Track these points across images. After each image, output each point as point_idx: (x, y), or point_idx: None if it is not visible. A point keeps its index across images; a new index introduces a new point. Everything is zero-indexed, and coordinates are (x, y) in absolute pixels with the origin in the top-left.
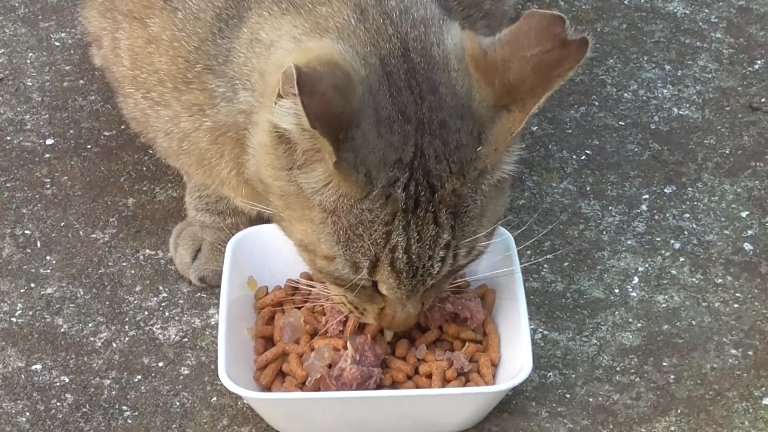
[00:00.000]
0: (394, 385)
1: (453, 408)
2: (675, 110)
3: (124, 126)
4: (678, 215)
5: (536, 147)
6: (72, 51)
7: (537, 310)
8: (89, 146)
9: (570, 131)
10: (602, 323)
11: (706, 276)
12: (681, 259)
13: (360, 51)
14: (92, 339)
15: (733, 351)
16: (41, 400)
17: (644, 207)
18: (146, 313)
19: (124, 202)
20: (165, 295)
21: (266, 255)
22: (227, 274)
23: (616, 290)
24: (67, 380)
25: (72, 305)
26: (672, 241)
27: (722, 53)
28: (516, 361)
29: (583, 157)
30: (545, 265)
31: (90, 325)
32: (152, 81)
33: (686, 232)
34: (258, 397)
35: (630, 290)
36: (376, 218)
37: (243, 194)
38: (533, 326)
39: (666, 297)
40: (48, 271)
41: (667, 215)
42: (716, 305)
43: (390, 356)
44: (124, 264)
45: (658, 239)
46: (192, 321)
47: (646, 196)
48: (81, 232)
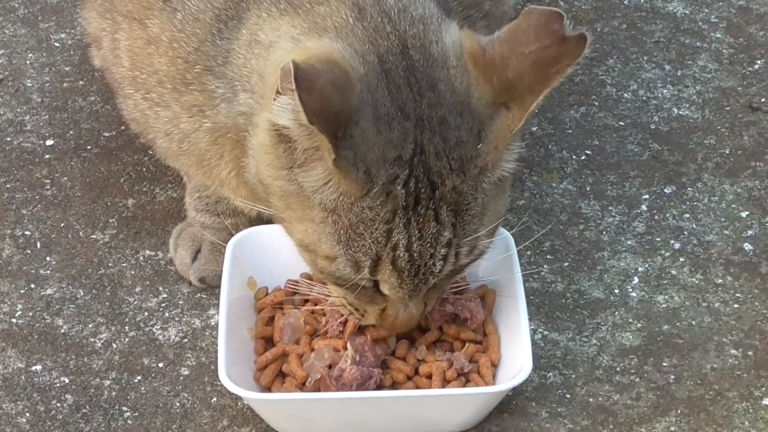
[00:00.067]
0: (394, 386)
1: (453, 408)
2: (675, 110)
3: (124, 127)
4: (678, 215)
5: (536, 147)
6: (72, 52)
7: (537, 311)
8: (89, 147)
9: (570, 131)
10: (602, 323)
11: (706, 276)
12: (681, 259)
13: (358, 49)
14: (92, 340)
15: (733, 351)
16: (41, 401)
17: (644, 207)
18: (146, 314)
19: (124, 203)
20: (165, 296)
21: (266, 255)
22: (227, 275)
23: (616, 290)
24: (67, 381)
25: (72, 306)
26: (672, 242)
27: (722, 53)
28: (516, 362)
29: (583, 157)
30: (545, 265)
31: (90, 326)
32: (152, 82)
33: (686, 232)
34: (258, 398)
35: (630, 290)
36: (377, 216)
37: (243, 195)
38: (533, 326)
39: (666, 297)
40: (48, 272)
41: (667, 215)
42: (716, 305)
43: (390, 357)
44: (124, 265)
45: (658, 239)
46: (192, 322)
47: (646, 197)
48: (81, 233)
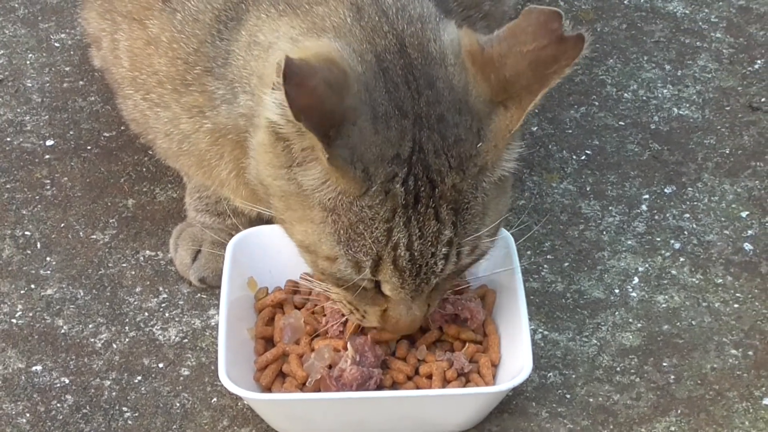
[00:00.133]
0: (395, 386)
1: (453, 408)
2: (675, 110)
3: (124, 127)
4: (678, 215)
5: (536, 147)
6: (72, 52)
7: (537, 311)
8: (89, 147)
9: (570, 131)
10: (602, 323)
11: (706, 276)
12: (681, 259)
13: (356, 48)
14: (92, 340)
15: (733, 351)
16: (41, 401)
17: (644, 207)
18: (146, 314)
19: (124, 203)
20: (165, 296)
21: (266, 256)
22: (227, 275)
23: (616, 290)
24: (68, 381)
25: (72, 306)
26: (672, 241)
27: (722, 53)
28: (516, 362)
29: (583, 157)
30: (545, 265)
31: (90, 326)
32: (152, 82)
33: (686, 232)
34: (258, 398)
35: (630, 290)
36: (376, 215)
37: (243, 195)
38: (533, 326)
39: (666, 297)
40: (48, 272)
41: (667, 215)
42: (716, 305)
43: (390, 357)
44: (124, 265)
45: (658, 239)
46: (192, 322)
47: (646, 196)
48: (81, 233)
